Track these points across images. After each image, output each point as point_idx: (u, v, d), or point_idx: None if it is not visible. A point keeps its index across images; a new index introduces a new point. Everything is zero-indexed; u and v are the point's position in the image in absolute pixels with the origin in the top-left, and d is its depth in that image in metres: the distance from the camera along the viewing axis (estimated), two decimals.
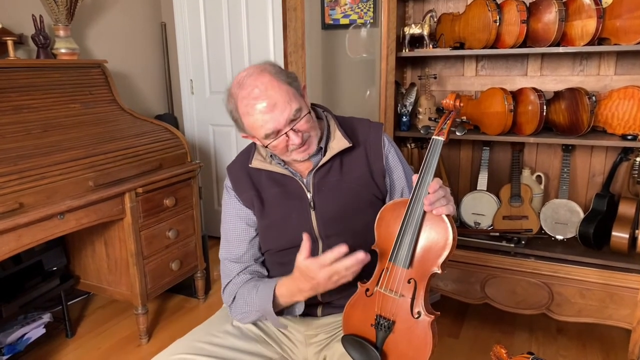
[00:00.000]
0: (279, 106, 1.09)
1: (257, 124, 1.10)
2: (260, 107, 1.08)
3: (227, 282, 1.27)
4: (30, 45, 2.35)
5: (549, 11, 1.88)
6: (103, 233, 2.20)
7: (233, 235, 1.27)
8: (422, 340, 1.04)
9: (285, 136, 1.12)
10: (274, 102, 1.08)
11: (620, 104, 1.95)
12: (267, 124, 1.09)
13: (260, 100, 1.09)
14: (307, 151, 1.16)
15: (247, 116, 1.11)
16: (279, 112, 1.09)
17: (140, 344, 2.22)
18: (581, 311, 1.97)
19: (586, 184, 2.24)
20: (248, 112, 1.10)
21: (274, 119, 1.09)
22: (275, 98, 1.09)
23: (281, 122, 1.09)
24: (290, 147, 1.14)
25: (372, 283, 1.11)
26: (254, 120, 1.10)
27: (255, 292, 1.18)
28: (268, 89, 1.09)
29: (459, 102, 1.11)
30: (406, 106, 2.28)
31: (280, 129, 1.10)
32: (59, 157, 1.88)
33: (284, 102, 1.09)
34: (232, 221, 1.28)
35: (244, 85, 1.11)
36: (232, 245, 1.27)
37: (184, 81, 3.25)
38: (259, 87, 1.09)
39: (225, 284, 1.28)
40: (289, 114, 1.10)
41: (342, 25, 2.63)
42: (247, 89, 1.10)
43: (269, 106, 1.08)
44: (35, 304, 2.11)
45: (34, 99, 2.08)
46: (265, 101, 1.08)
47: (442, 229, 1.03)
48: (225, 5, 2.98)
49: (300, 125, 1.13)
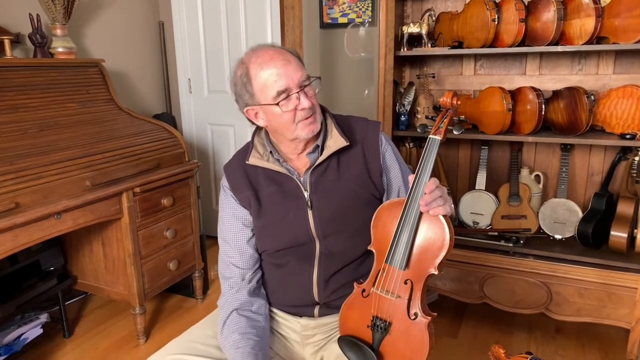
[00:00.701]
0: (293, 65, 1.11)
1: (270, 79, 1.10)
2: (275, 63, 1.10)
3: (224, 290, 1.25)
4: (27, 45, 2.34)
5: (547, 10, 1.88)
6: (100, 233, 2.19)
7: (230, 235, 1.26)
8: (418, 341, 1.04)
9: (296, 99, 1.11)
10: (289, 60, 1.12)
11: (619, 103, 1.95)
12: (280, 79, 1.10)
13: (275, 58, 1.11)
14: (312, 126, 1.15)
15: (259, 74, 1.11)
16: (292, 70, 1.11)
17: (138, 344, 2.21)
18: (580, 311, 1.97)
19: (585, 183, 2.23)
20: (262, 69, 1.11)
21: (288, 75, 1.10)
22: (290, 58, 1.12)
23: (294, 79, 1.11)
24: (298, 114, 1.13)
25: (369, 284, 1.10)
26: (267, 76, 1.11)
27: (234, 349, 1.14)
28: (283, 53, 1.13)
29: (456, 100, 1.09)
30: (404, 105, 2.27)
31: (292, 88, 1.11)
32: (55, 156, 1.87)
33: (298, 65, 1.13)
34: (228, 221, 1.27)
35: (257, 51, 1.14)
36: (229, 246, 1.27)
37: (182, 80, 3.25)
38: (275, 50, 1.13)
39: (223, 290, 1.25)
40: (302, 75, 1.12)
41: (341, 24, 2.63)
42: (261, 53, 1.13)
43: (284, 62, 1.11)
44: (32, 304, 2.11)
45: (31, 98, 2.08)
46: (281, 58, 1.11)
47: (439, 230, 1.02)
48: (223, 4, 2.98)
49: (309, 91, 1.14)
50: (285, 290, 1.26)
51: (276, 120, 1.15)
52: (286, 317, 1.28)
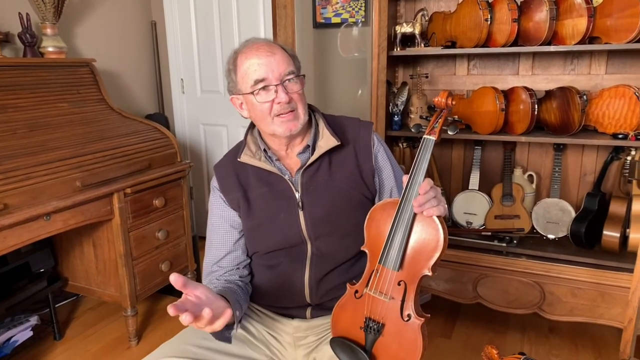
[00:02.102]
0: (277, 58, 1.11)
1: (250, 68, 1.11)
2: (259, 54, 1.11)
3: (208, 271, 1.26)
4: (17, 44, 2.31)
5: (540, 10, 1.88)
6: (91, 234, 2.17)
7: (216, 237, 1.25)
8: (412, 343, 1.03)
9: (274, 92, 1.11)
10: (274, 53, 1.12)
11: (611, 103, 1.95)
12: (260, 68, 1.10)
13: (261, 50, 1.12)
14: (290, 124, 1.14)
15: (243, 63, 1.13)
16: (275, 63, 1.11)
17: (130, 346, 2.19)
18: (573, 310, 1.97)
19: (577, 183, 2.24)
20: (246, 58, 1.12)
21: (269, 65, 1.10)
22: (276, 52, 1.13)
23: (275, 72, 1.10)
24: (274, 108, 1.12)
25: (362, 285, 1.09)
26: (248, 64, 1.11)
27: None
28: (273, 47, 1.14)
29: (451, 100, 1.08)
30: (398, 105, 2.26)
31: (271, 81, 1.11)
32: (45, 157, 1.85)
33: (283, 59, 1.12)
34: (216, 222, 1.26)
35: (250, 42, 1.15)
36: (214, 247, 1.26)
37: (175, 80, 3.22)
38: (266, 43, 1.14)
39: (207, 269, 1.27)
40: (284, 69, 1.11)
41: (334, 24, 2.62)
42: (252, 44, 1.14)
43: (268, 53, 1.11)
44: (22, 307, 2.08)
45: (20, 98, 2.05)
46: (266, 50, 1.12)
47: (433, 231, 1.01)
48: (215, 3, 2.96)
49: (291, 87, 1.13)
50: (277, 292, 1.25)
51: (254, 111, 1.15)
52: (278, 318, 1.27)
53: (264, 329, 1.27)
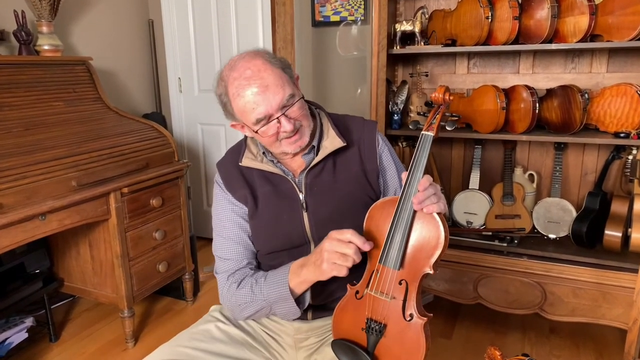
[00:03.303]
0: (271, 89, 1.05)
1: (247, 107, 1.06)
2: (252, 89, 1.05)
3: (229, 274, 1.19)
4: (12, 42, 2.29)
5: (541, 7, 1.86)
6: (88, 234, 2.14)
7: (227, 232, 1.20)
8: (414, 343, 1.01)
9: (276, 122, 1.07)
10: (267, 84, 1.05)
11: (612, 101, 1.94)
12: (258, 107, 1.05)
13: (252, 81, 1.05)
14: (299, 143, 1.12)
15: (237, 99, 1.07)
16: (271, 95, 1.05)
17: (127, 347, 2.16)
18: (574, 311, 1.95)
19: (578, 182, 2.22)
20: (239, 94, 1.06)
21: (266, 101, 1.05)
22: (268, 80, 1.05)
23: (273, 105, 1.05)
24: (281, 134, 1.09)
25: (362, 285, 1.07)
26: (244, 103, 1.06)
27: (263, 280, 1.12)
28: (261, 71, 1.05)
29: (449, 96, 1.07)
30: (397, 104, 2.25)
31: (272, 114, 1.06)
32: (40, 156, 1.82)
33: (277, 86, 1.05)
34: (226, 216, 1.21)
35: (235, 67, 1.07)
36: (227, 242, 1.20)
37: (172, 79, 3.20)
38: (252, 69, 1.06)
39: (225, 277, 1.19)
40: (282, 98, 1.06)
41: (333, 22, 2.60)
42: (239, 71, 1.06)
43: (262, 88, 1.04)
44: (17, 308, 2.05)
45: (16, 96, 2.02)
46: (258, 82, 1.05)
47: (434, 228, 0.99)
48: (213, 1, 2.93)
49: (293, 112, 1.09)
50: None
51: (260, 140, 1.14)
52: (279, 320, 1.25)
53: (263, 331, 1.25)
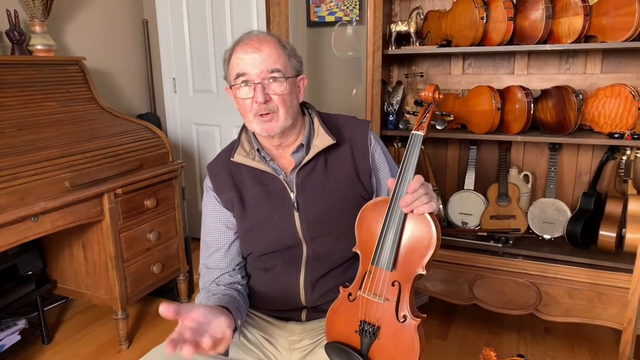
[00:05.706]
0: (263, 55, 1.08)
1: (235, 62, 1.11)
2: (247, 49, 1.09)
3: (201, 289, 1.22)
4: (5, 42, 2.27)
5: (536, 8, 1.86)
6: (81, 235, 2.13)
7: (211, 238, 1.22)
8: (408, 345, 1.00)
9: (253, 90, 1.09)
10: (262, 50, 1.09)
11: (607, 102, 1.94)
12: (243, 63, 1.09)
13: (252, 45, 1.10)
14: (268, 125, 1.11)
15: (233, 55, 1.12)
16: (259, 59, 1.08)
17: (121, 349, 2.15)
18: (569, 311, 1.95)
19: (573, 182, 2.23)
20: (236, 51, 1.11)
21: (253, 62, 1.08)
22: (264, 48, 1.09)
23: (257, 69, 1.08)
24: (253, 106, 1.10)
25: (355, 287, 1.06)
26: (235, 58, 1.11)
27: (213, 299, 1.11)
28: (265, 42, 1.10)
29: (438, 94, 1.06)
30: (393, 105, 2.24)
31: (251, 78, 1.09)
32: (33, 156, 1.81)
33: (269, 56, 1.09)
34: (211, 223, 1.23)
35: (245, 36, 1.14)
36: (210, 249, 1.23)
37: (167, 80, 3.18)
38: (259, 39, 1.11)
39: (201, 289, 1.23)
40: (268, 67, 1.08)
41: (328, 23, 2.59)
42: (249, 38, 1.12)
43: (255, 50, 1.09)
44: (9, 310, 2.03)
45: (8, 96, 2.00)
46: (256, 46, 1.09)
47: (426, 228, 0.98)
48: (208, 1, 2.92)
49: (273, 87, 1.09)
50: (272, 294, 1.22)
51: (237, 105, 1.15)
52: (273, 321, 1.24)
53: (257, 333, 1.24)
